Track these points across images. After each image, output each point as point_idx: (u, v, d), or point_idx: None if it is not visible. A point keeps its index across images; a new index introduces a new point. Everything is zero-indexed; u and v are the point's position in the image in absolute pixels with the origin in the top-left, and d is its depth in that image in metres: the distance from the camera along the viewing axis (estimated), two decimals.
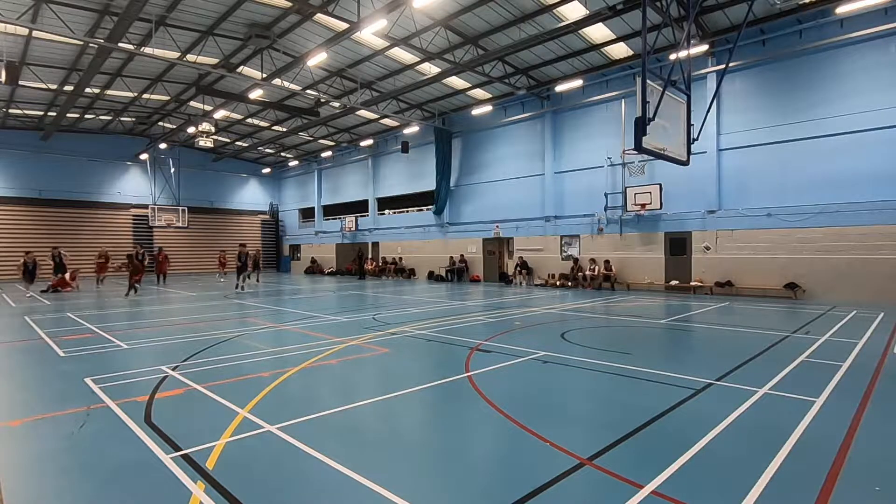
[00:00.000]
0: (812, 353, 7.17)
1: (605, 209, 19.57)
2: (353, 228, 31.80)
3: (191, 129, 26.63)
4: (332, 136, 30.67)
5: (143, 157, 31.91)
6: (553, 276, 21.05)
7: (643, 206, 18.01)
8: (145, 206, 31.89)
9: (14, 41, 17.48)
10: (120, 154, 31.77)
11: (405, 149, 26.08)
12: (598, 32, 16.81)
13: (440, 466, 3.70)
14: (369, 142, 29.34)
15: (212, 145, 29.12)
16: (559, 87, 19.50)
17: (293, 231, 39.04)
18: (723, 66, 13.08)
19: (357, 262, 28.92)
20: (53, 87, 21.44)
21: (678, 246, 17.88)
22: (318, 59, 17.17)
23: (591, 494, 3.18)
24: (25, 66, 19.19)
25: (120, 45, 15.46)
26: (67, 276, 20.18)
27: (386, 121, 27.17)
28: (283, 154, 35.56)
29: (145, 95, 23.84)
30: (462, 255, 25.11)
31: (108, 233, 31.15)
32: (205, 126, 26.42)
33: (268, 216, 39.32)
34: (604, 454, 3.70)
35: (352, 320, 11.01)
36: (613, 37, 16.97)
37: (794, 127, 15.30)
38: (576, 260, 20.63)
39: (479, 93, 22.80)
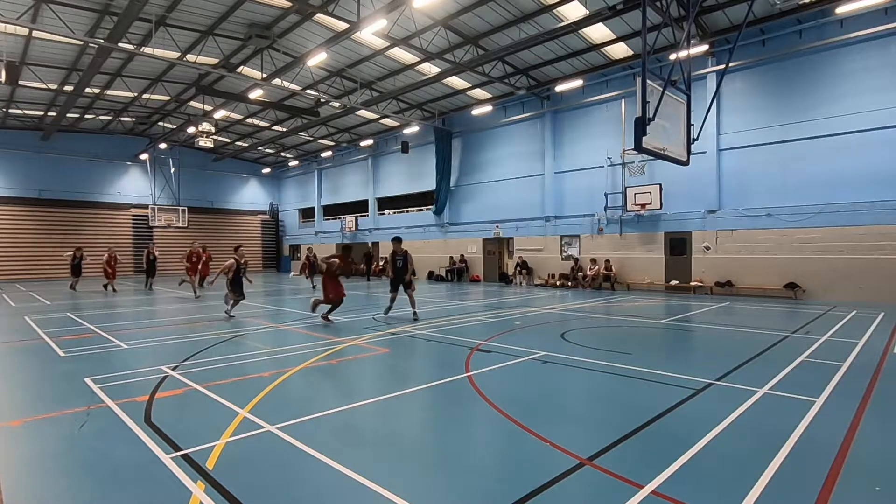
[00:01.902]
0: (812, 353, 7.17)
1: (605, 209, 19.57)
2: (353, 228, 31.80)
3: (191, 129, 26.62)
4: (332, 136, 30.67)
5: (143, 157, 31.91)
6: (553, 276, 21.05)
7: (643, 206, 18.01)
8: (145, 206, 31.89)
9: (14, 41, 17.48)
10: (120, 154, 31.77)
11: (405, 149, 26.08)
12: (598, 32, 16.81)
13: (440, 466, 3.70)
14: (369, 142, 29.34)
15: (212, 145, 29.11)
16: (559, 87, 19.49)
17: (293, 231, 39.03)
18: (723, 66, 13.06)
19: (364, 263, 28.60)
20: (53, 87, 21.44)
21: (678, 246, 17.89)
22: (318, 59, 17.17)
23: (591, 494, 3.18)
24: (25, 66, 19.19)
25: (120, 45, 15.47)
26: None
27: (386, 121, 27.17)
28: (283, 154, 35.57)
29: (145, 95, 23.84)
30: (462, 255, 25.11)
31: (108, 233, 31.16)
32: (205, 126, 26.41)
33: (268, 216, 39.31)
34: (604, 454, 3.70)
35: (352, 320, 11.00)
36: (613, 37, 16.97)
37: (794, 127, 15.30)
38: (576, 260, 20.63)
39: (479, 93, 22.80)
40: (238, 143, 32.78)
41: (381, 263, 29.26)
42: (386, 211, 30.83)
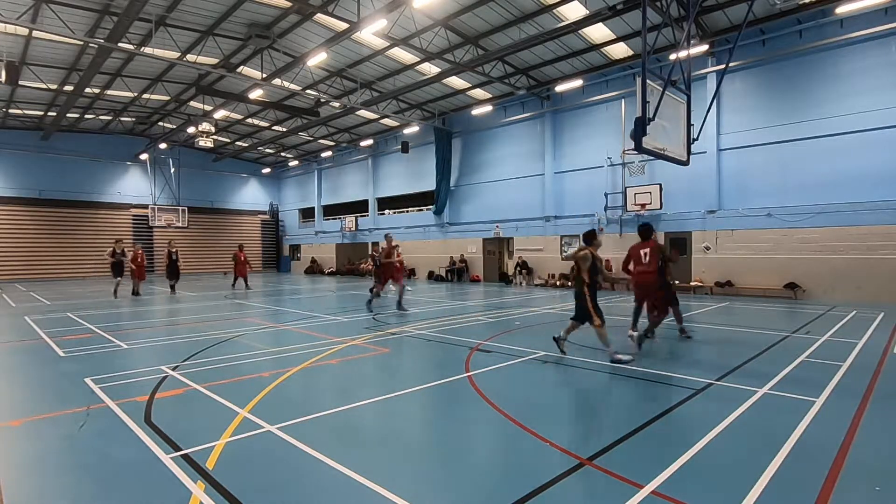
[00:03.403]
0: (812, 353, 7.17)
1: (605, 209, 19.57)
2: (353, 228, 31.81)
3: (191, 129, 26.62)
4: (332, 136, 30.67)
5: (143, 157, 31.90)
6: (553, 276, 21.04)
7: (643, 206, 18.01)
8: (145, 206, 31.89)
9: (14, 41, 17.48)
10: (120, 154, 31.76)
11: (405, 149, 26.09)
12: (598, 32, 16.81)
13: (440, 466, 3.70)
14: (369, 142, 29.34)
15: (212, 145, 29.11)
16: (559, 87, 19.49)
17: (293, 231, 39.05)
18: (723, 66, 13.06)
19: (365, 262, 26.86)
20: (53, 87, 21.44)
21: (678, 246, 17.87)
22: (318, 59, 17.17)
23: (591, 494, 3.18)
24: (25, 66, 19.18)
25: (120, 45, 15.46)
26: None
27: (386, 121, 27.17)
28: (283, 154, 35.56)
29: (145, 95, 23.83)
30: (462, 255, 25.12)
31: (108, 233, 31.12)
32: (205, 126, 26.41)
33: (268, 216, 39.31)
34: (604, 454, 3.70)
35: (352, 320, 11.00)
36: (613, 37, 16.97)
37: (794, 127, 15.30)
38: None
39: (479, 93, 22.79)
40: (238, 143, 32.77)
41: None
42: (386, 211, 30.84)
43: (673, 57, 9.98)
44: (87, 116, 27.14)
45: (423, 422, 4.81)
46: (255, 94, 21.46)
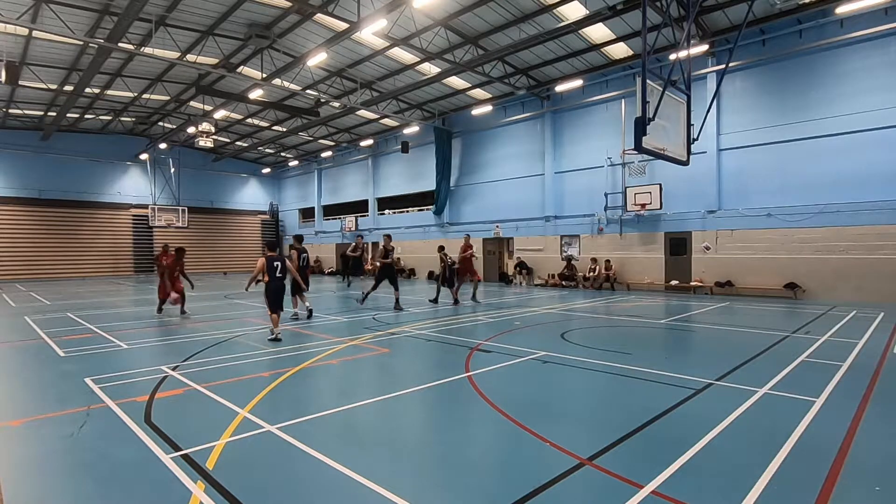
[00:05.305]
0: (812, 353, 7.17)
1: (605, 209, 19.57)
2: (353, 228, 31.82)
3: (191, 129, 26.60)
4: (332, 136, 30.67)
5: (143, 157, 31.90)
6: (553, 276, 21.05)
7: (643, 206, 18.01)
8: (145, 206, 31.87)
9: (14, 41, 17.48)
10: (120, 154, 31.76)
11: (405, 149, 26.08)
12: (598, 32, 16.81)
13: (440, 466, 3.70)
14: (369, 142, 29.34)
15: (212, 145, 29.09)
16: (559, 87, 19.49)
17: (293, 231, 39.00)
18: (723, 66, 13.06)
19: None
20: (53, 87, 21.43)
21: (678, 246, 17.88)
22: (318, 59, 17.17)
23: (591, 494, 3.18)
24: (25, 66, 19.18)
25: (120, 45, 15.46)
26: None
27: (386, 121, 27.17)
28: (283, 154, 35.57)
29: (145, 95, 23.83)
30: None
31: (108, 233, 31.20)
32: (205, 126, 26.38)
33: (268, 216, 39.31)
34: (604, 454, 3.70)
35: (352, 320, 11.01)
36: (613, 37, 16.96)
37: (795, 127, 15.30)
38: (570, 258, 20.63)
39: (479, 93, 22.79)
40: (238, 143, 32.77)
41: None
42: (386, 211, 30.84)
43: (673, 57, 9.97)
44: (87, 116, 27.15)
45: (423, 422, 4.81)
46: (255, 94, 21.46)
